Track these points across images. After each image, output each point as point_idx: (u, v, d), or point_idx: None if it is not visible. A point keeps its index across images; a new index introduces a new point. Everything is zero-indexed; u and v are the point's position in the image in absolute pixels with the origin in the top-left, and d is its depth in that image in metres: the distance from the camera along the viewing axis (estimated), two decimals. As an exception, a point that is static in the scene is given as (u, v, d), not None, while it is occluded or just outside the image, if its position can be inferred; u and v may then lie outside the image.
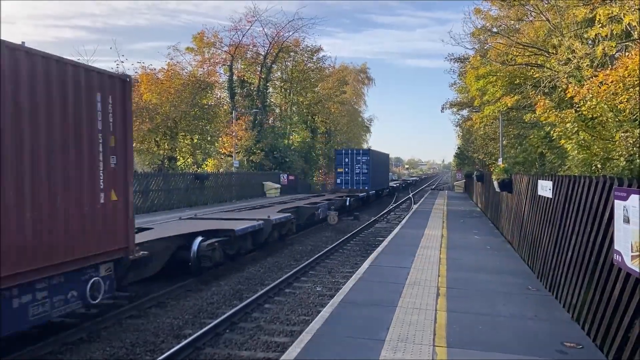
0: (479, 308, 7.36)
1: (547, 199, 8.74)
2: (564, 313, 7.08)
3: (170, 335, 8.08)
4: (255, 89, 40.93)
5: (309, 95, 45.79)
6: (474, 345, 5.82)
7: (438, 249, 12.54)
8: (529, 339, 6.06)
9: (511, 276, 9.55)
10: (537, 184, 9.62)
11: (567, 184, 7.47)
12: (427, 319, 6.85)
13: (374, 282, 9.00)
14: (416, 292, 8.28)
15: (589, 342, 5.91)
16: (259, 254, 15.08)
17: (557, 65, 14.62)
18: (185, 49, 39.26)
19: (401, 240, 14.10)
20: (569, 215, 7.24)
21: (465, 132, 41.94)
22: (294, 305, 9.87)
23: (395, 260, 11.08)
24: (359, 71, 65.28)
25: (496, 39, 18.96)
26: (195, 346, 7.42)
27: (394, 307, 7.36)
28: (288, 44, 42.46)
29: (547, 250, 8.58)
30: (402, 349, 5.71)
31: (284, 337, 7.98)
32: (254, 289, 11.13)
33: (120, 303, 9.28)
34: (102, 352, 7.30)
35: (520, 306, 7.47)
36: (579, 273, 6.59)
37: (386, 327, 6.48)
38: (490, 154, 31.57)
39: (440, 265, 10.55)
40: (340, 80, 52.01)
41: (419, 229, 16.73)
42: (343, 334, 6.19)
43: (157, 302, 9.80)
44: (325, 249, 15.74)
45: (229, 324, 8.49)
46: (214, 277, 12.09)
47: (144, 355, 7.25)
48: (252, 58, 42.22)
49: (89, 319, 8.26)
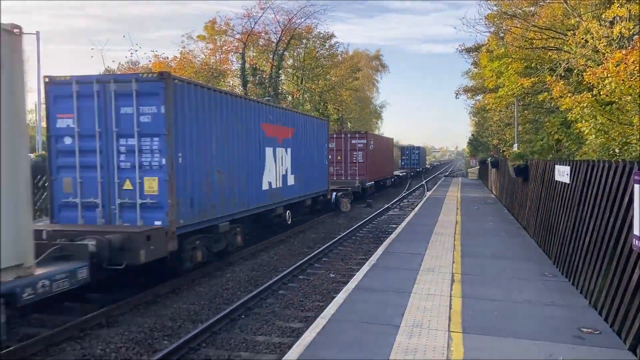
0: (495, 294, 7.32)
1: (564, 184, 8.62)
2: (581, 299, 7.02)
3: (187, 320, 8.18)
4: (268, 76, 40.84)
5: (321, 83, 45.56)
6: (489, 331, 5.80)
7: (452, 236, 12.48)
8: (545, 325, 6.02)
9: (527, 262, 9.48)
10: (554, 169, 9.50)
11: (585, 168, 7.36)
12: (442, 305, 6.83)
13: (387, 268, 9.00)
14: (430, 278, 8.26)
15: (606, 328, 5.86)
16: (271, 241, 15.15)
17: (575, 48, 14.34)
18: (197, 37, 39.23)
19: (415, 227, 14.06)
20: (587, 200, 7.14)
21: (480, 118, 41.50)
22: (308, 291, 9.92)
23: (409, 247, 11.05)
24: (372, 58, 64.69)
25: (512, 22, 18.61)
26: (212, 331, 7.50)
27: (408, 294, 7.35)
28: (300, 31, 42.17)
29: (564, 236, 8.49)
30: (417, 334, 5.71)
31: (299, 323, 8.02)
32: (268, 275, 11.20)
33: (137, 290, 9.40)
34: (121, 336, 7.41)
35: (536, 292, 7.42)
36: (596, 258, 6.51)
37: (401, 313, 6.48)
38: (505, 140, 31.22)
39: (454, 251, 10.51)
40: (352, 67, 51.64)
41: (433, 215, 16.66)
42: (358, 320, 6.20)
43: (172, 289, 9.91)
44: (339, 236, 15.75)
45: (244, 310, 8.56)
46: (227, 263, 12.18)
47: (162, 339, 7.35)
48: (264, 45, 42.04)
49: (106, 305, 8.38)
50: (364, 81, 59.84)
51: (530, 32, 16.84)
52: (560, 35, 16.46)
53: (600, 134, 11.28)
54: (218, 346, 7.12)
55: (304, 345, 5.40)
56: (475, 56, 29.12)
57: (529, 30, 16.82)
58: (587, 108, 11.54)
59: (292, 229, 17.03)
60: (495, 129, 32.60)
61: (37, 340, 6.90)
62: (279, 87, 43.11)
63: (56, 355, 6.76)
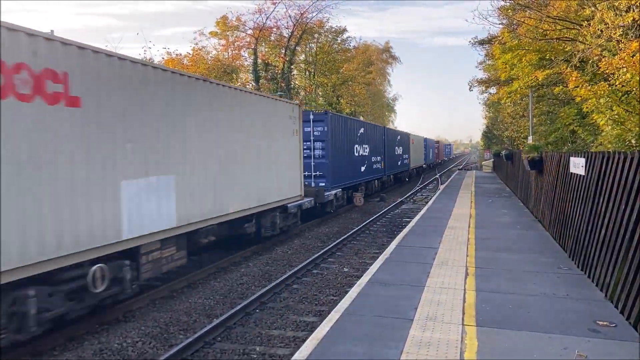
0: (509, 287, 7.29)
1: (580, 176, 8.53)
2: (597, 292, 6.96)
3: (202, 314, 8.28)
4: (280, 71, 40.85)
5: (333, 77, 45.46)
6: (504, 324, 5.78)
7: (466, 229, 12.42)
8: (560, 318, 5.98)
9: (542, 255, 9.41)
10: (569, 161, 9.39)
11: (600, 160, 7.27)
12: (456, 298, 6.82)
13: (401, 262, 9.00)
14: (444, 272, 8.25)
15: (622, 321, 5.80)
16: (285, 236, 15.21)
17: (590, 38, 14.12)
18: (209, 33, 39.37)
19: (428, 221, 14.02)
20: (603, 192, 7.06)
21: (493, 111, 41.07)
22: (321, 285, 9.96)
23: (423, 240, 11.03)
24: (382, 50, 64.26)
25: (525, 14, 18.36)
26: (227, 325, 7.58)
27: (422, 287, 7.35)
28: (312, 25, 42.10)
29: (579, 229, 8.40)
30: (430, 328, 5.71)
31: (313, 317, 8.07)
32: (282, 269, 11.26)
33: (153, 284, 9.52)
34: (138, 331, 7.53)
35: (551, 285, 7.37)
36: (612, 251, 6.44)
37: (414, 306, 6.48)
38: (519, 132, 30.87)
39: (468, 245, 10.46)
40: (365, 61, 51.42)
41: (447, 209, 16.58)
42: (371, 313, 6.22)
43: (188, 283, 10.03)
44: (352, 231, 15.76)
45: (258, 304, 8.63)
46: (244, 258, 12.27)
47: (178, 334, 7.45)
48: (276, 41, 42.05)
49: (121, 301, 8.51)
50: (375, 74, 59.53)
51: (544, 23, 16.59)
52: (574, 26, 16.20)
53: (616, 125, 11.11)
54: (233, 340, 7.20)
55: (318, 338, 5.43)
56: (488, 48, 28.73)
57: (543, 21, 16.57)
58: (603, 98, 11.37)
59: (305, 224, 17.06)
60: (510, 121, 32.24)
61: (57, 336, 7.04)
62: (291, 82, 43.09)
63: (74, 349, 6.89)
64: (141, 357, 6.66)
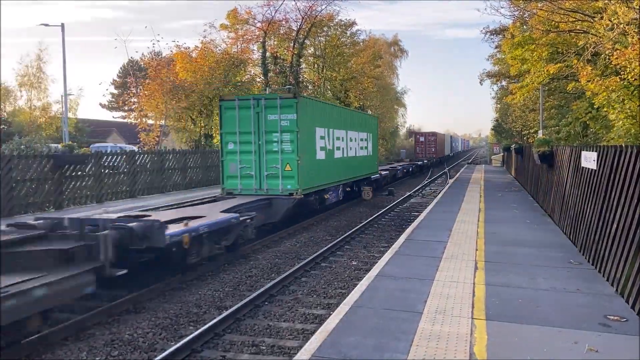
0: (519, 281, 7.26)
1: (591, 170, 8.46)
2: (608, 287, 6.92)
3: (212, 306, 8.33)
4: (288, 65, 40.76)
5: (342, 71, 45.27)
6: (513, 318, 5.77)
7: (475, 223, 12.38)
8: (570, 312, 5.95)
9: (552, 250, 9.36)
10: (581, 155, 9.32)
11: (612, 154, 7.20)
12: (465, 292, 6.81)
13: (410, 256, 8.99)
14: (453, 265, 8.23)
15: (633, 316, 5.77)
16: (293, 229, 15.24)
17: (603, 31, 13.95)
18: (220, 26, 39.33)
19: (437, 215, 13.98)
20: (615, 186, 7.00)
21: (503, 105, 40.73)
22: (330, 278, 9.98)
23: (432, 234, 11.01)
24: (390, 43, 63.84)
25: (537, 5, 18.16)
26: (236, 317, 7.63)
27: (431, 281, 7.34)
28: (321, 18, 41.91)
29: (590, 223, 8.34)
30: (440, 321, 5.71)
31: (322, 310, 8.10)
32: (290, 262, 11.30)
33: (164, 275, 9.60)
34: (148, 322, 7.60)
35: (561, 280, 7.33)
36: (624, 245, 6.39)
37: (423, 299, 6.48)
38: (529, 126, 30.62)
39: (478, 238, 10.43)
40: (373, 55, 51.12)
41: (456, 203, 16.52)
42: (380, 306, 6.23)
43: (197, 275, 10.09)
44: (361, 224, 15.77)
45: (267, 297, 8.67)
46: (252, 251, 12.32)
47: (188, 325, 7.50)
48: (284, 34, 41.93)
49: (132, 291, 8.59)
50: (383, 68, 59.24)
51: (557, 14, 16.41)
52: (587, 18, 16.01)
53: (628, 119, 11.00)
54: (242, 332, 7.24)
55: (327, 331, 5.45)
56: (500, 39, 28.52)
57: (555, 12, 16.39)
58: (615, 93, 11.25)
59: (313, 217, 17.09)
60: (519, 115, 31.97)
61: (66, 327, 7.13)
62: (300, 75, 43.00)
63: (86, 340, 6.97)
64: (151, 347, 6.73)
